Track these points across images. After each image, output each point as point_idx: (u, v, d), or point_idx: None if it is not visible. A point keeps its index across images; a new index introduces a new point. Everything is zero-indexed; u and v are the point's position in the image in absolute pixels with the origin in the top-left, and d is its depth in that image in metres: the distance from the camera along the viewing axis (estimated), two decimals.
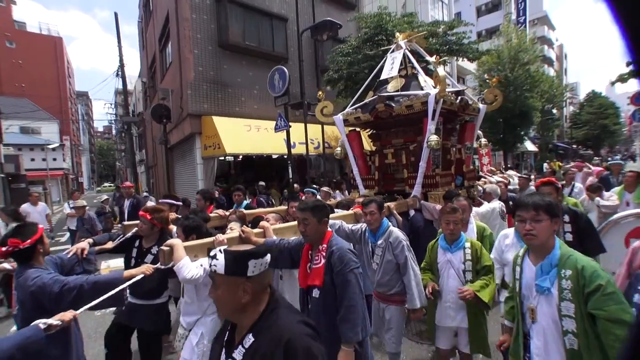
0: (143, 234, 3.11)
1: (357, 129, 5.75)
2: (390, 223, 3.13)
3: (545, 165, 20.23)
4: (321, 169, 11.37)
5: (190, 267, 2.34)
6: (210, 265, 1.23)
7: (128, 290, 2.46)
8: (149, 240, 3.13)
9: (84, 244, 2.88)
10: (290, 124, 7.56)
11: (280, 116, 7.54)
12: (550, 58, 40.61)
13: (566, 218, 3.13)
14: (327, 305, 2.19)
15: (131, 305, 3.02)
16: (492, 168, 9.13)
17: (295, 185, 8.43)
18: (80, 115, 55.98)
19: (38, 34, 41.73)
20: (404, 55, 5.23)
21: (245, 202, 5.76)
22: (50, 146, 24.65)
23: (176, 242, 2.46)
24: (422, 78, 5.04)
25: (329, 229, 2.44)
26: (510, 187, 6.62)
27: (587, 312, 1.62)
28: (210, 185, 9.79)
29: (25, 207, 7.96)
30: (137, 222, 3.22)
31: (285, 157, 11.56)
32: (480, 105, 5.47)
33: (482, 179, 6.44)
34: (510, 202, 5.09)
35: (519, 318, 1.98)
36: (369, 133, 5.82)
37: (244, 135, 9.85)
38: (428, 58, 5.40)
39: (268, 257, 1.27)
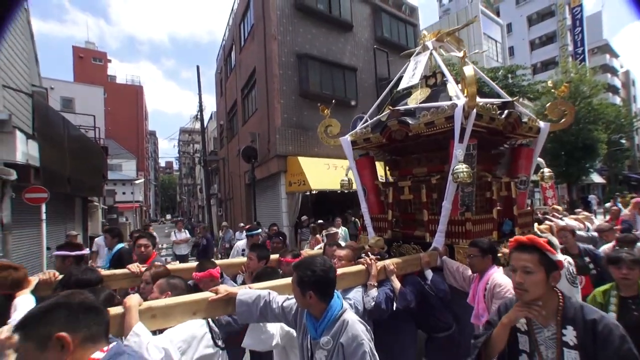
0: None
1: (371, 154, 4.55)
2: (346, 307, 1.81)
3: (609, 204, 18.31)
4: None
5: None
6: None
7: None
8: None
9: None
10: None
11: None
12: (615, 86, 39.12)
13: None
14: None
15: None
16: (558, 207, 7.03)
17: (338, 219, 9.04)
18: (150, 152, 62.35)
19: (124, 84, 48.42)
20: (431, 59, 4.06)
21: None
22: (137, 182, 28.13)
23: None
24: (452, 87, 3.65)
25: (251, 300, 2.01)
26: (582, 233, 4.58)
27: None
28: (294, 218, 11.15)
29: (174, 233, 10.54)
30: None
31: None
32: (542, 124, 4.08)
33: (547, 222, 4.79)
34: (587, 258, 3.69)
35: None
36: (387, 159, 4.73)
37: (324, 173, 11.17)
38: (459, 54, 3.98)
39: None
